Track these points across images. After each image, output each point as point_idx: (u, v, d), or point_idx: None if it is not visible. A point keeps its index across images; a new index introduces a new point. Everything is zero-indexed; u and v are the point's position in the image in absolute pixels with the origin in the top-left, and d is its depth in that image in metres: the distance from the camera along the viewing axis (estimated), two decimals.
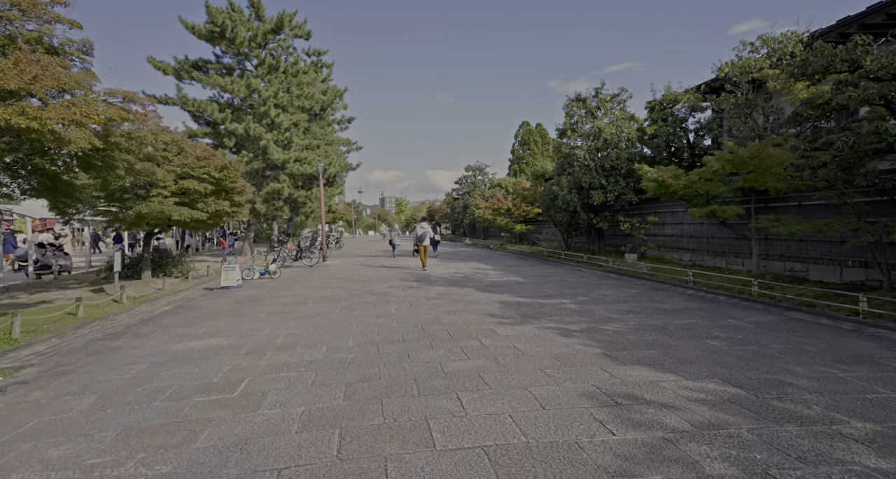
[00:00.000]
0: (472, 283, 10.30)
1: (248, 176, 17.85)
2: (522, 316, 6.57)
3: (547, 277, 11.38)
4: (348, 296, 8.74)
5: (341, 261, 17.18)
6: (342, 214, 49.96)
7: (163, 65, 17.06)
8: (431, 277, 11.63)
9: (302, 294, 9.08)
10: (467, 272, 12.61)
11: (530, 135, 51.65)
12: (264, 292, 9.63)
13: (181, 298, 9.18)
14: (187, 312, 7.53)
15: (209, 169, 9.61)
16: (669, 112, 13.28)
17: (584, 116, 14.98)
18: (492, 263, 15.49)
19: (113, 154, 5.93)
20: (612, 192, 13.74)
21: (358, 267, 14.65)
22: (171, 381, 3.95)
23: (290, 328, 6.03)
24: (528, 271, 12.80)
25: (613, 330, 5.63)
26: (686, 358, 4.39)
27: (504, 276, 11.63)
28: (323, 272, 13.29)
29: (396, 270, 13.57)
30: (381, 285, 10.15)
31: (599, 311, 6.89)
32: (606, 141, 14.05)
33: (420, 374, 4.06)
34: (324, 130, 21.85)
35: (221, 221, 12.44)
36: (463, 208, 34.99)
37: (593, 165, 13.94)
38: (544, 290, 9.17)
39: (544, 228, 24.70)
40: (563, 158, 15.36)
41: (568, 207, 15.00)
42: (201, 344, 5.27)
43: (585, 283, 10.18)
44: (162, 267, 11.55)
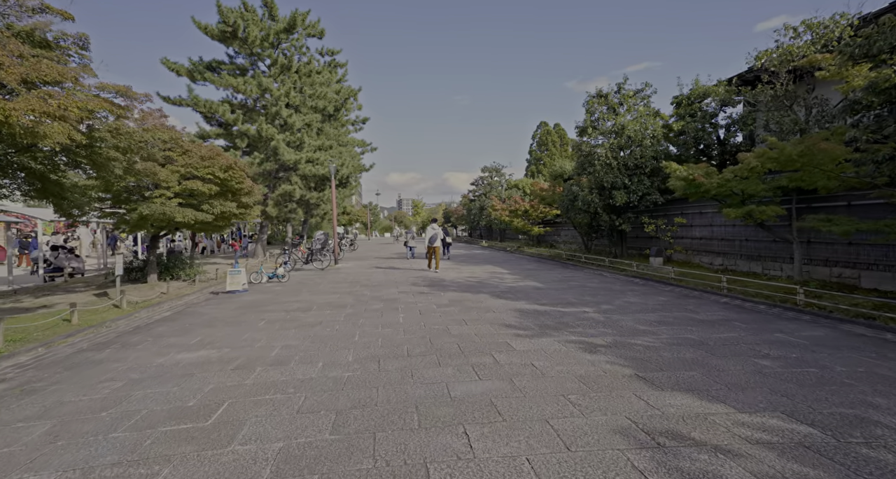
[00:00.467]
0: (486, 288, 9.73)
1: (261, 178, 17.66)
2: (541, 327, 5.98)
3: (566, 282, 10.73)
4: (355, 302, 8.27)
5: (353, 264, 16.80)
6: (358, 216, 49.88)
7: (176, 66, 17.00)
8: (444, 281, 11.10)
9: (307, 300, 8.65)
10: (482, 276, 12.03)
11: (548, 135, 50.77)
12: (269, 296, 9.25)
13: (184, 302, 8.86)
14: (186, 318, 7.16)
15: (214, 169, 9.29)
16: (698, 107, 12.48)
17: (606, 112, 14.26)
18: (508, 266, 14.87)
19: (100, 151, 5.58)
20: (636, 192, 12.99)
21: (370, 270, 14.22)
22: (142, 404, 3.51)
23: (288, 339, 5.56)
24: (547, 275, 12.16)
25: (644, 345, 4.99)
26: (735, 382, 3.75)
27: (521, 281, 11.02)
28: (333, 276, 12.89)
29: (409, 273, 13.09)
30: (391, 291, 9.66)
31: (626, 321, 6.24)
32: (630, 138, 13.31)
33: (423, 399, 3.52)
34: (337, 130, 21.58)
35: (230, 223, 12.16)
36: (479, 210, 34.39)
37: (615, 164, 13.22)
38: (564, 297, 8.54)
39: (563, 230, 23.94)
40: (584, 156, 14.67)
41: (588, 209, 14.30)
42: (190, 357, 4.84)
43: (608, 289, 9.50)
44: (169, 270, 11.30)
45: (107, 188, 8.65)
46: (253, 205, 11.89)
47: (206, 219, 9.73)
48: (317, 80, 18.64)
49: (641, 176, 13.01)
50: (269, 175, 17.98)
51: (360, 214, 51.11)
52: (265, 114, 17.58)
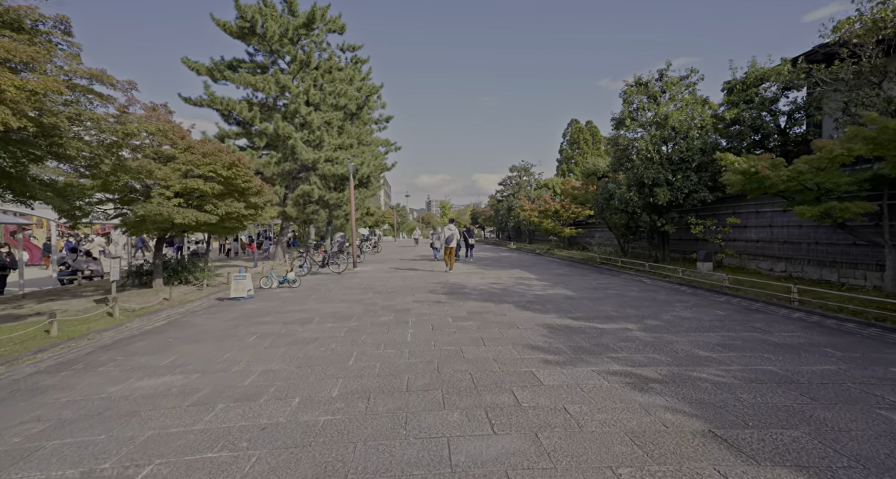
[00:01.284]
0: (511, 297, 8.68)
1: (279, 178, 17.19)
2: (575, 350, 4.91)
3: (602, 290, 9.54)
4: (363, 313, 7.41)
5: (373, 267, 16.04)
6: (385, 217, 49.52)
7: (196, 65, 16.74)
8: (465, 288, 10.11)
9: (312, 309, 7.86)
10: (507, 282, 10.97)
11: (580, 133, 48.95)
12: (273, 305, 8.52)
13: (183, 311, 8.23)
14: (173, 331, 6.47)
15: (216, 167, 8.65)
16: (754, 92, 10.99)
17: (646, 102, 12.91)
18: (537, 271, 13.73)
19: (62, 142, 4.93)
20: (681, 189, 11.60)
21: (388, 275, 13.40)
22: (47, 461, 2.70)
23: (272, 362, 4.72)
24: (580, 281, 10.97)
25: (712, 380, 3.86)
26: (871, 455, 2.60)
27: (551, 288, 9.90)
28: (348, 281, 12.13)
29: (428, 278, 12.17)
30: (406, 299, 8.76)
31: (681, 343, 5.08)
32: (674, 130, 11.93)
33: (412, 465, 2.56)
34: (359, 129, 20.96)
35: (241, 224, 11.60)
36: (507, 211, 33.16)
37: (657, 159, 11.87)
38: (601, 308, 7.40)
39: (596, 231, 22.48)
40: (621, 151, 13.36)
41: (626, 208, 12.98)
42: (148, 385, 4.06)
43: (652, 299, 8.27)
44: (178, 274, 10.81)
45: (105, 188, 8.15)
46: (263, 205, 11.27)
47: (211, 220, 9.12)
48: (337, 76, 18.04)
49: (687, 171, 11.62)
50: (288, 175, 17.49)
51: (386, 215, 50.75)
52: (284, 112, 17.10)
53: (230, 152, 8.96)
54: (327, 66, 18.07)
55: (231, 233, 12.42)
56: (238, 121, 16.98)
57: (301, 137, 16.39)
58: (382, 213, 49.42)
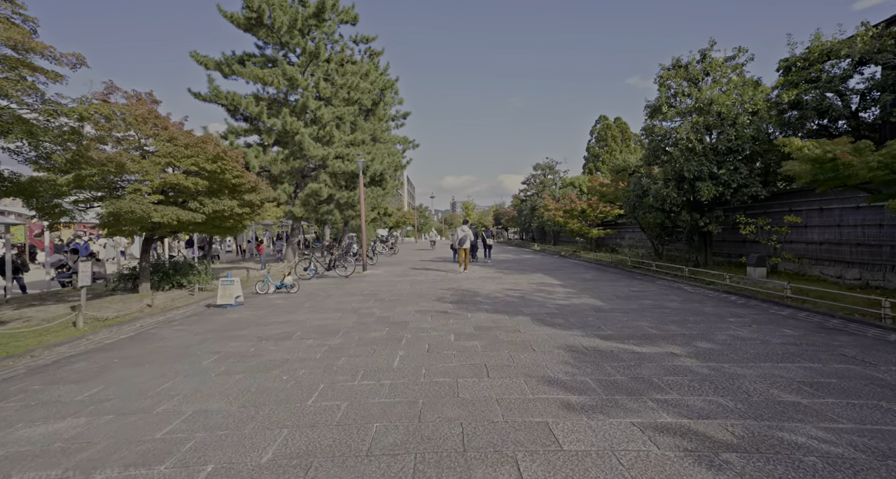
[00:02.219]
0: (529, 307, 7.47)
1: (287, 175, 16.45)
2: (607, 387, 3.70)
3: (637, 299, 8.21)
4: (353, 326, 6.36)
5: (384, 270, 15.05)
6: (406, 218, 48.73)
7: (205, 59, 16.18)
8: (478, 296, 8.95)
9: (298, 321, 6.87)
10: (526, 289, 9.74)
11: (608, 130, 46.97)
12: (260, 314, 7.58)
13: (161, 320, 7.39)
14: (128, 348, 5.57)
15: (198, 160, 7.79)
16: (819, 69, 9.40)
17: (686, 87, 11.43)
18: (561, 275, 12.42)
19: None
20: (729, 183, 10.09)
21: (397, 279, 12.36)
22: None
23: (213, 398, 3.70)
24: (609, 288, 9.64)
25: (820, 451, 2.59)
26: None
27: (576, 296, 8.63)
28: (353, 285, 11.14)
29: (439, 283, 11.06)
30: (408, 309, 7.67)
31: (751, 379, 3.80)
32: (720, 116, 10.43)
33: None
34: (374, 125, 20.06)
35: (240, 223, 10.79)
36: (530, 210, 31.73)
37: (700, 149, 10.39)
38: (637, 324, 6.12)
39: (626, 232, 20.89)
40: (657, 141, 11.91)
41: (662, 206, 11.53)
42: (34, 435, 3.08)
43: (698, 312, 6.91)
44: (170, 278, 10.07)
45: (79, 184, 7.40)
46: (261, 203, 10.41)
47: (196, 219, 8.28)
48: (349, 69, 17.17)
49: (736, 163, 10.09)
50: (298, 173, 16.73)
51: (407, 216, 49.95)
52: (293, 107, 16.35)
53: (216, 144, 8.11)
54: (339, 58, 17.24)
55: (230, 233, 11.64)
56: (245, 117, 16.33)
57: (310, 133, 15.57)
58: (403, 213, 48.64)
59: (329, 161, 15.92)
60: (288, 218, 16.76)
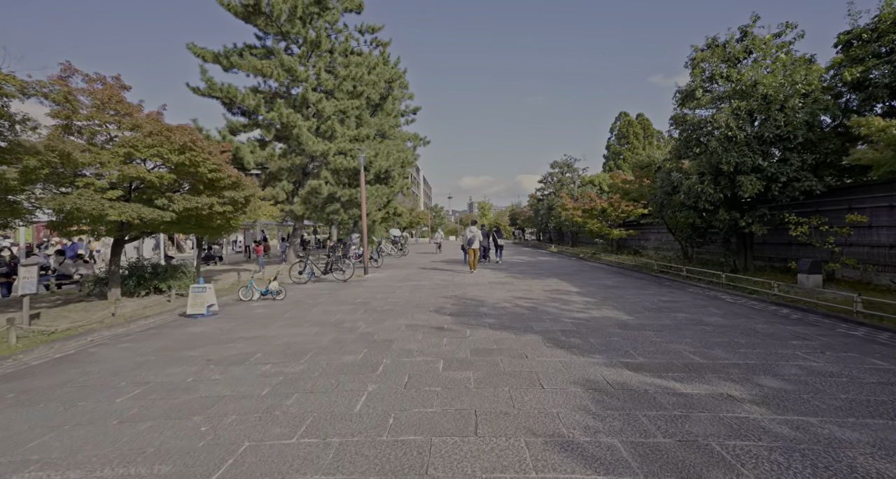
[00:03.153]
0: (541, 322, 6.29)
1: (286, 172, 15.56)
2: (645, 462, 2.53)
3: (669, 311, 6.95)
4: (326, 347, 5.29)
5: (388, 274, 14.01)
6: (419, 218, 47.77)
7: (203, 51, 15.43)
8: (483, 306, 7.81)
9: (266, 338, 5.84)
10: (539, 297, 8.55)
11: (629, 126, 45.16)
12: (228, 327, 6.60)
13: (115, 334, 6.45)
14: (44, 374, 4.61)
15: (161, 150, 6.84)
16: (891, 40, 7.94)
17: (724, 69, 10.05)
18: (579, 281, 11.17)
19: None
20: (777, 176, 8.70)
21: (398, 284, 11.29)
22: None
23: (84, 466, 2.67)
24: (635, 297, 8.37)
25: None
26: None
27: (596, 307, 7.40)
28: (346, 292, 10.12)
29: (443, 290, 9.95)
30: (398, 322, 6.58)
31: (866, 451, 2.57)
32: (766, 99, 9.03)
33: None
34: (381, 120, 19.08)
35: (227, 223, 9.88)
36: (547, 210, 30.34)
37: (742, 137, 9.01)
38: (674, 347, 4.89)
39: (650, 233, 19.41)
40: (689, 131, 10.55)
41: (696, 203, 10.17)
42: None
43: (747, 330, 5.64)
44: (146, 282, 9.21)
45: (27, 178, 6.53)
46: (246, 201, 9.46)
47: (164, 217, 7.35)
48: (353, 60, 16.21)
49: (787, 152, 8.69)
50: (299, 170, 15.83)
51: (421, 216, 48.98)
52: (293, 100, 15.47)
53: (186, 132, 7.16)
54: (343, 48, 16.30)
55: (219, 234, 10.76)
56: (243, 111, 15.51)
57: (309, 127, 14.66)
58: (418, 214, 47.69)
59: (330, 157, 14.97)
60: (288, 218, 15.88)
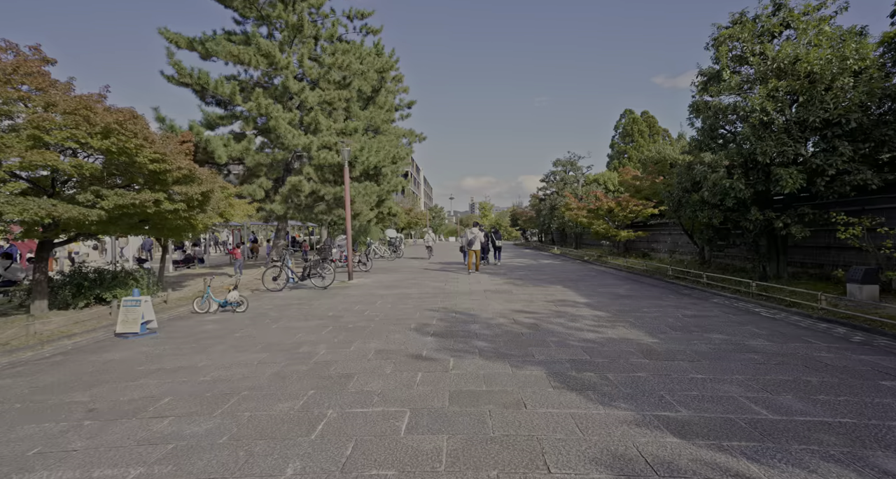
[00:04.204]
0: (544, 347, 5.00)
1: (265, 168, 14.29)
2: None
3: (699, 331, 5.64)
4: (260, 387, 4.00)
5: (375, 279, 12.72)
6: (418, 218, 46.50)
7: (176, 36, 14.17)
8: (475, 322, 6.51)
9: (196, 370, 4.57)
10: (542, 310, 7.26)
11: (634, 124, 43.80)
12: (156, 352, 5.32)
13: (8, 362, 5.20)
14: None
15: (77, 133, 5.57)
16: None
17: (757, 46, 8.74)
18: (586, 288, 9.86)
19: None
20: (824, 168, 7.39)
21: (384, 292, 10.01)
22: None
23: None
24: (654, 310, 7.07)
25: None
26: None
27: (610, 324, 6.10)
28: (321, 302, 8.84)
29: (432, 300, 8.67)
30: (368, 347, 5.28)
31: None
32: (810, 77, 7.70)
33: None
34: (373, 113, 17.81)
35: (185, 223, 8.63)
36: (549, 210, 29.01)
37: (781, 123, 7.69)
38: (725, 390, 3.59)
39: (661, 234, 18.08)
40: (713, 118, 9.24)
41: (722, 200, 8.85)
42: None
43: (811, 360, 4.34)
44: (86, 292, 7.94)
45: None
46: (204, 197, 8.19)
47: (91, 216, 6.08)
48: (339, 47, 14.96)
49: (835, 140, 7.38)
50: (279, 166, 14.56)
51: (420, 216, 47.70)
52: (274, 90, 14.21)
53: (114, 113, 5.89)
54: (328, 34, 15.04)
55: (177, 235, 9.51)
56: (218, 100, 14.25)
57: (290, 119, 13.39)
58: (416, 214, 46.42)
59: (313, 152, 13.71)
60: (267, 218, 14.61)
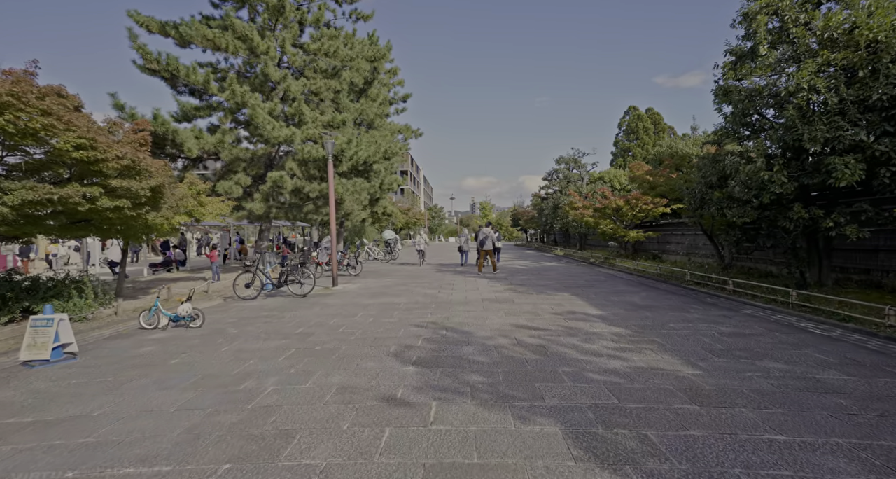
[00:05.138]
0: (557, 384, 3.78)
1: (246, 163, 13.09)
2: None
3: (750, 357, 4.42)
4: (161, 456, 2.79)
5: (363, 285, 11.52)
6: (416, 218, 45.30)
7: (147, 20, 12.97)
8: (469, 342, 5.31)
9: (87, 422, 3.36)
10: (550, 326, 6.04)
11: (639, 121, 42.57)
12: (57, 389, 4.12)
13: None
14: None
15: None
16: None
17: (801, 14, 7.51)
18: (598, 297, 8.64)
19: None
20: (891, 156, 6.16)
21: (369, 301, 8.81)
22: None
23: None
24: (683, 327, 5.86)
25: None
26: None
27: (634, 346, 4.88)
28: (295, 313, 7.63)
29: (421, 312, 7.46)
30: (331, 382, 4.07)
31: None
32: (873, 47, 6.47)
33: None
34: (364, 106, 16.60)
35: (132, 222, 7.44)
36: (552, 210, 27.76)
37: (835, 103, 6.47)
38: (827, 464, 2.35)
39: (673, 235, 16.85)
40: (745, 100, 8.01)
41: (757, 196, 7.63)
42: None
43: None
44: (9, 305, 6.75)
45: None
46: (154, 193, 6.99)
47: None
48: (326, 33, 13.76)
49: None
50: (261, 161, 13.36)
51: (418, 216, 46.50)
52: (256, 78, 13.02)
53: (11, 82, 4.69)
54: (314, 18, 13.84)
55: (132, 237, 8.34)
56: (192, 89, 13.06)
57: (270, 109, 12.20)
58: (414, 214, 45.22)
59: (296, 145, 12.52)
60: (247, 218, 13.40)
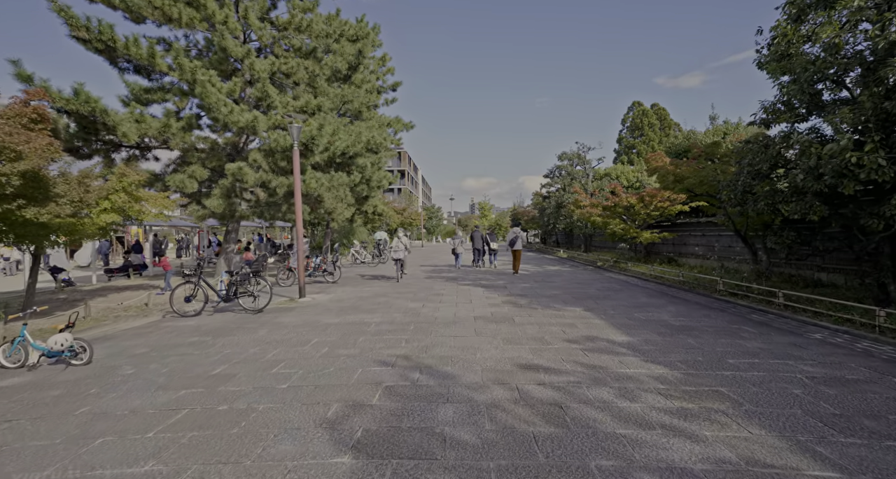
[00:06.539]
0: None
1: (204, 154, 11.26)
2: None
3: (880, 435, 2.62)
4: None
5: (336, 296, 9.71)
6: (412, 219, 43.49)
7: None
8: (448, 399, 3.52)
9: None
10: (564, 366, 4.25)
11: (644, 117, 40.85)
12: None
13: None
14: None
15: None
16: None
17: None
18: (618, 313, 6.84)
19: None
20: None
21: (333, 321, 7.01)
22: None
23: None
24: (747, 363, 4.08)
25: None
26: None
27: (696, 403, 3.10)
28: (230, 340, 5.83)
29: (396, 338, 5.67)
30: None
31: None
32: None
33: None
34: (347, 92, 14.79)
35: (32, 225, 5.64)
36: (555, 209, 25.92)
37: None
38: None
39: (692, 236, 15.05)
40: (821, 63, 6.22)
41: (838, 185, 5.84)
42: None
43: None
44: None
45: None
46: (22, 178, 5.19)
47: None
48: (297, 4, 11.97)
49: None
50: (220, 152, 11.54)
51: (413, 216, 44.67)
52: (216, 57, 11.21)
53: None
54: None
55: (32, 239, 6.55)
56: (137, 66, 11.22)
57: (228, 89, 10.40)
58: (410, 214, 43.40)
59: (260, 132, 10.71)
60: (209, 217, 11.57)
